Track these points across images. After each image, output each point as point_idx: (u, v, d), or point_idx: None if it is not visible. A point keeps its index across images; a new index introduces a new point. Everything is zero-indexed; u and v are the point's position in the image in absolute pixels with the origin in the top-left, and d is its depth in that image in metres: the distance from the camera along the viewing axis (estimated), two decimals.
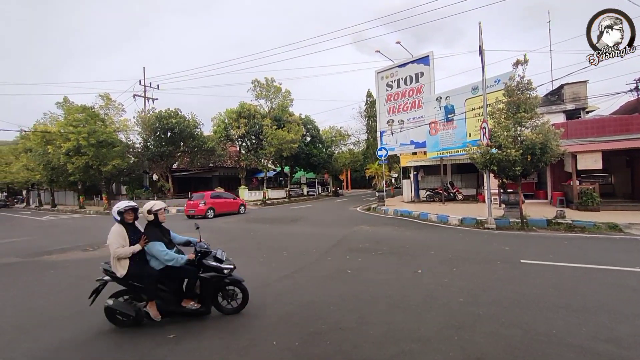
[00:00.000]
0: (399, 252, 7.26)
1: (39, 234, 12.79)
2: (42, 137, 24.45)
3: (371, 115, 33.62)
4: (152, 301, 3.73)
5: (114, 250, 3.59)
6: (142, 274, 3.66)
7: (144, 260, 3.79)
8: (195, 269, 3.88)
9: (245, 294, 4.08)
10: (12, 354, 3.21)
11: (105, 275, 3.79)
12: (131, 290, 3.76)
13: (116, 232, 3.69)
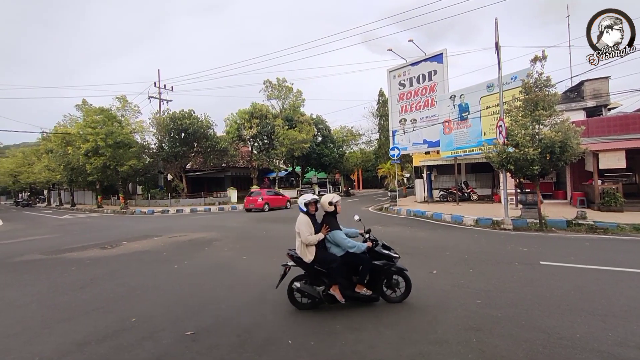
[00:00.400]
0: (413, 252, 7.16)
1: (60, 232, 13.23)
2: (62, 139, 25.30)
3: (383, 114, 33.33)
4: (336, 285, 3.97)
5: (306, 238, 3.93)
6: (327, 260, 3.97)
7: (324, 247, 4.12)
8: (369, 256, 4.09)
9: (409, 284, 4.18)
10: (40, 348, 3.32)
11: (289, 261, 4.22)
12: (313, 275, 4.08)
13: (305, 221, 4.04)
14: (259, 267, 6.31)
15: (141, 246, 8.99)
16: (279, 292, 4.79)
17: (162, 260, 7.24)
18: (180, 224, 14.64)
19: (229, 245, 8.75)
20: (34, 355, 3.15)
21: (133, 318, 4.00)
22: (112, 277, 5.98)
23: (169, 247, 8.70)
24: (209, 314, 4.06)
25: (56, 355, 3.15)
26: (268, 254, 7.43)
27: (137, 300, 4.67)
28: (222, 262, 6.79)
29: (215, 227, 12.64)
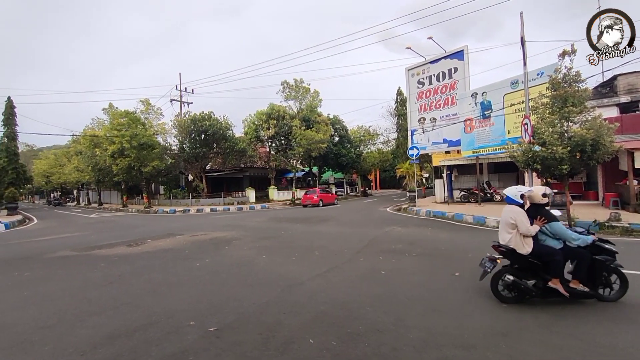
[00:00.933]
0: (434, 254, 7.01)
1: (89, 230, 13.86)
2: (90, 141, 26.52)
3: (401, 113, 32.87)
4: (557, 278, 3.83)
5: (527, 229, 3.87)
6: (546, 252, 3.88)
7: (536, 239, 4.01)
8: (589, 251, 3.88)
9: (625, 282, 3.93)
10: (74, 339, 3.48)
11: (494, 253, 4.18)
12: (525, 268, 3.99)
13: (522, 213, 3.99)
14: (278, 266, 6.36)
15: (164, 244, 9.27)
16: (299, 292, 4.81)
17: (185, 258, 7.43)
18: (201, 223, 14.99)
19: (248, 244, 8.87)
20: (69, 346, 3.30)
21: (159, 313, 4.12)
22: (138, 273, 6.19)
23: (190, 246, 8.92)
24: (231, 311, 4.12)
25: (89, 347, 3.28)
26: (287, 253, 7.48)
27: (162, 296, 4.81)
28: (242, 261, 6.89)
29: (234, 227, 12.87)
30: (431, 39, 19.83)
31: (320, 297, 4.55)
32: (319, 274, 5.70)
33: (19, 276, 6.27)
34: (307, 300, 4.47)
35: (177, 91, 30.54)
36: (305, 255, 7.22)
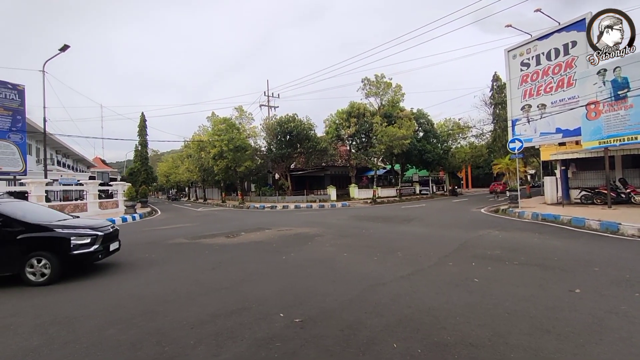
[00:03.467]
0: (544, 264, 5.92)
1: (197, 222, 16.25)
2: (197, 145, 31.15)
3: (499, 102, 28.94)
4: None
5: None
6: None
7: None
8: None
9: None
10: (186, 314, 4.10)
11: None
12: None
13: None
14: (359, 265, 6.29)
15: (256, 237, 10.20)
16: (381, 293, 4.65)
17: (273, 250, 8.01)
18: (286, 219, 16.01)
19: (330, 241, 9.05)
20: (183, 320, 3.89)
21: (251, 300, 4.52)
22: (234, 262, 6.94)
23: (277, 239, 9.59)
24: (314, 305, 4.24)
25: (197, 322, 3.80)
26: (368, 252, 7.35)
27: (254, 284, 5.26)
28: (324, 257, 7.06)
29: (316, 223, 13.33)
30: (539, 11, 16.90)
31: (404, 301, 4.31)
32: (402, 276, 5.42)
33: (148, 257, 7.73)
34: (390, 302, 4.28)
35: (265, 97, 33.34)
36: (388, 256, 6.97)
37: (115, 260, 7.20)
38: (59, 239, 5.67)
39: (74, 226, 6.08)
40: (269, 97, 33.31)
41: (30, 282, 5.43)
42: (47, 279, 5.47)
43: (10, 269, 5.52)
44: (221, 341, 3.32)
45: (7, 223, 5.56)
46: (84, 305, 4.58)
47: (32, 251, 5.50)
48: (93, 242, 5.92)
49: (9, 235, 5.50)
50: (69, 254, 5.65)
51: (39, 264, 5.49)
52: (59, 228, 5.84)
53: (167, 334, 3.52)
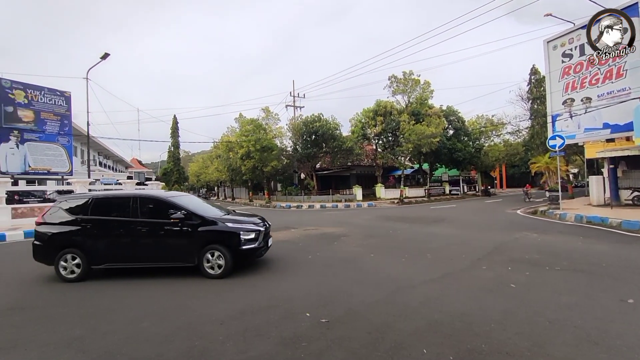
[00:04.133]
0: (590, 270, 5.47)
1: None
2: (226, 146, 32.09)
3: (537, 96, 27.16)
4: None
5: None
6: None
7: None
8: None
9: None
10: (215, 310, 4.20)
11: None
12: None
13: None
14: (387, 266, 6.15)
15: (283, 236, 10.30)
16: (410, 296, 4.51)
17: (299, 249, 8.05)
18: (312, 218, 16.06)
19: (356, 241, 8.95)
20: (212, 315, 3.99)
21: (277, 298, 4.55)
22: (263, 259, 7.02)
23: (303, 239, 9.63)
24: (340, 305, 4.19)
25: (226, 318, 3.89)
26: (396, 254, 7.17)
27: (281, 282, 5.30)
28: (350, 257, 6.98)
29: (342, 223, 13.24)
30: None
31: (434, 305, 4.14)
32: (432, 279, 5.22)
33: None
34: (419, 305, 4.14)
35: (291, 97, 33.66)
36: (416, 258, 6.76)
37: None
38: (231, 233, 5.67)
39: (240, 221, 6.05)
40: (294, 97, 33.63)
41: (208, 275, 5.52)
42: (222, 273, 5.51)
43: (191, 260, 5.63)
44: (249, 338, 3.36)
45: (189, 216, 5.70)
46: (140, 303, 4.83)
47: (208, 244, 5.60)
48: (257, 237, 5.87)
49: (191, 228, 5.64)
50: (239, 249, 5.64)
51: (214, 257, 5.56)
52: (229, 222, 5.86)
53: (197, 328, 3.63)
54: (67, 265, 5.72)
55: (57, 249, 5.78)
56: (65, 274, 5.71)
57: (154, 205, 5.98)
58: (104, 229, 5.85)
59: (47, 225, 6.02)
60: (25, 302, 4.76)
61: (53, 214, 6.09)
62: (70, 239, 5.83)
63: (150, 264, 5.82)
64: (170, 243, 5.73)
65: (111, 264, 5.85)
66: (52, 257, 5.77)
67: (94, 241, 5.79)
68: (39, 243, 5.99)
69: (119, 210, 5.93)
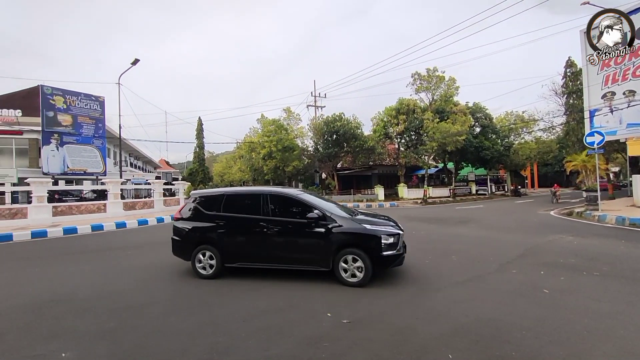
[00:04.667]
0: (634, 277, 5.07)
1: None
2: (248, 146, 32.73)
3: (573, 90, 25.49)
4: None
5: None
6: None
7: None
8: None
9: None
10: (238, 307, 4.28)
11: None
12: None
13: None
14: (410, 267, 5.99)
15: None
16: (434, 299, 4.37)
17: None
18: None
19: None
20: (235, 313, 4.06)
21: (299, 297, 4.57)
22: None
23: None
24: (362, 306, 4.13)
25: (249, 316, 3.95)
26: (419, 255, 6.97)
27: (302, 281, 5.29)
28: None
29: None
30: None
31: (460, 308, 3.98)
32: (458, 282, 5.03)
33: None
34: (444, 309, 4.00)
35: (312, 97, 33.75)
36: (441, 259, 6.55)
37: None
38: (370, 237, 5.00)
39: (377, 222, 5.36)
40: (315, 97, 33.69)
41: (345, 282, 4.96)
42: (361, 281, 4.88)
43: (326, 264, 5.13)
44: (271, 336, 3.38)
45: (323, 216, 5.20)
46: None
47: (344, 248, 5.03)
48: (397, 242, 5.11)
49: (325, 229, 5.13)
50: (380, 255, 4.91)
51: (352, 262, 4.95)
52: (367, 224, 5.19)
53: (220, 325, 3.70)
54: (203, 262, 5.64)
55: (194, 245, 5.74)
56: (200, 269, 5.65)
57: (284, 203, 5.62)
58: (237, 226, 5.62)
59: (184, 221, 6.00)
60: (157, 297, 5.05)
61: (189, 210, 6.03)
62: (205, 235, 5.73)
63: (282, 266, 5.40)
64: (304, 244, 5.28)
65: (243, 262, 5.59)
66: (189, 253, 5.77)
67: (227, 239, 5.61)
68: (177, 238, 6.00)
69: (251, 207, 5.63)
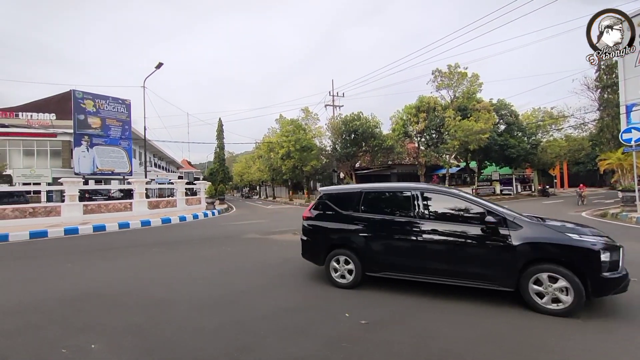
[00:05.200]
0: None
1: (267, 219, 17.22)
2: (267, 146, 33.09)
3: (608, 84, 24.05)
4: None
5: None
6: None
7: None
8: None
9: None
10: (259, 305, 4.32)
11: None
12: None
13: None
14: None
15: None
16: (457, 300, 4.21)
17: None
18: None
19: None
20: (256, 310, 4.10)
21: (317, 297, 4.54)
22: (300, 259, 7.05)
23: None
24: (381, 308, 4.04)
25: (270, 314, 3.96)
26: None
27: (320, 282, 5.26)
28: None
29: None
30: None
31: (486, 311, 3.80)
32: None
33: (225, 249, 8.42)
34: (469, 311, 3.86)
35: (330, 96, 33.69)
36: None
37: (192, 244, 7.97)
38: (584, 250, 3.67)
39: (584, 231, 3.97)
40: (333, 96, 33.60)
41: (539, 308, 3.74)
42: (569, 308, 3.63)
43: (507, 282, 3.96)
44: (290, 335, 3.37)
45: (502, 220, 4.04)
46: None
47: (537, 263, 3.80)
48: (618, 259, 3.74)
49: (507, 238, 3.93)
50: (599, 277, 3.59)
51: (550, 282, 3.72)
52: (571, 232, 3.87)
53: (242, 323, 3.72)
54: (339, 269, 4.95)
55: (327, 249, 5.10)
56: (336, 277, 4.96)
57: (444, 202, 4.51)
58: (382, 229, 4.72)
59: (315, 220, 5.37)
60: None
61: (320, 209, 5.39)
62: (342, 238, 4.98)
63: (444, 280, 4.34)
64: (476, 256, 4.11)
65: (390, 273, 4.65)
66: (321, 256, 5.17)
67: (369, 244, 4.74)
68: (307, 239, 5.46)
69: (398, 206, 4.74)
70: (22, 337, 3.48)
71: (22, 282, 5.69)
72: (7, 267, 6.97)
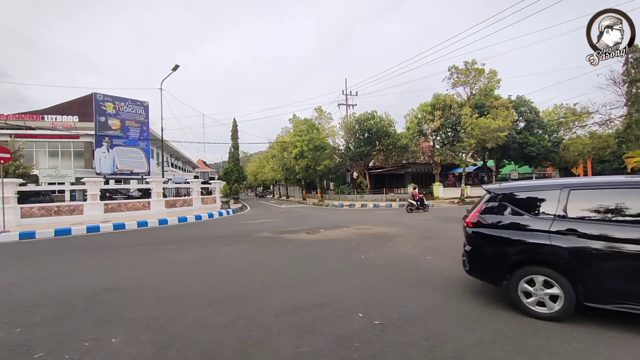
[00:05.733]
0: None
1: (280, 218, 17.35)
2: (280, 146, 33.34)
3: (637, 78, 22.89)
4: None
5: None
6: None
7: None
8: None
9: None
10: (270, 303, 4.37)
11: None
12: None
13: None
14: (445, 270, 5.75)
15: (334, 234, 10.31)
16: (472, 302, 4.12)
17: (351, 249, 7.95)
18: (364, 217, 15.81)
19: (411, 242, 8.55)
20: (267, 308, 4.15)
21: (330, 296, 4.54)
22: (314, 257, 7.11)
23: (356, 238, 9.50)
24: (394, 308, 4.01)
25: (280, 312, 4.00)
26: (455, 257, 6.62)
27: (333, 281, 5.28)
28: (405, 259, 6.67)
29: (396, 223, 12.79)
30: None
31: (502, 314, 3.72)
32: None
33: (239, 248, 8.55)
34: (483, 313, 3.78)
35: (343, 96, 33.62)
36: None
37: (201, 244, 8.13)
38: None
39: None
40: (347, 95, 33.53)
41: None
42: None
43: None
44: (302, 333, 3.39)
45: None
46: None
47: None
48: None
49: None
50: None
51: None
52: None
53: (254, 319, 3.78)
54: (535, 293, 3.68)
55: (511, 265, 3.85)
56: (530, 304, 3.69)
57: None
58: (611, 243, 3.33)
59: (489, 228, 4.08)
60: None
61: (497, 212, 4.10)
62: (536, 252, 3.69)
63: None
64: None
65: (626, 304, 3.25)
66: (500, 274, 3.96)
67: (589, 263, 3.41)
68: (477, 252, 4.22)
69: (630, 210, 3.36)
70: (48, 328, 3.66)
71: (48, 277, 5.97)
72: (35, 263, 7.33)
